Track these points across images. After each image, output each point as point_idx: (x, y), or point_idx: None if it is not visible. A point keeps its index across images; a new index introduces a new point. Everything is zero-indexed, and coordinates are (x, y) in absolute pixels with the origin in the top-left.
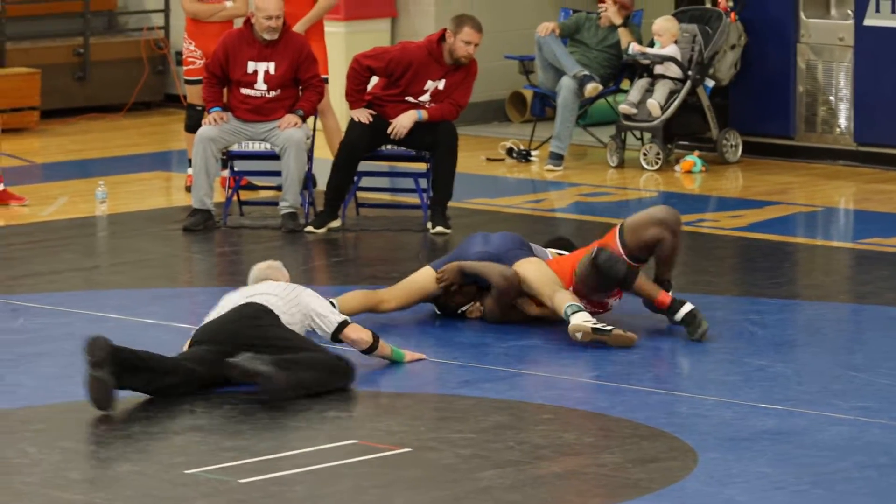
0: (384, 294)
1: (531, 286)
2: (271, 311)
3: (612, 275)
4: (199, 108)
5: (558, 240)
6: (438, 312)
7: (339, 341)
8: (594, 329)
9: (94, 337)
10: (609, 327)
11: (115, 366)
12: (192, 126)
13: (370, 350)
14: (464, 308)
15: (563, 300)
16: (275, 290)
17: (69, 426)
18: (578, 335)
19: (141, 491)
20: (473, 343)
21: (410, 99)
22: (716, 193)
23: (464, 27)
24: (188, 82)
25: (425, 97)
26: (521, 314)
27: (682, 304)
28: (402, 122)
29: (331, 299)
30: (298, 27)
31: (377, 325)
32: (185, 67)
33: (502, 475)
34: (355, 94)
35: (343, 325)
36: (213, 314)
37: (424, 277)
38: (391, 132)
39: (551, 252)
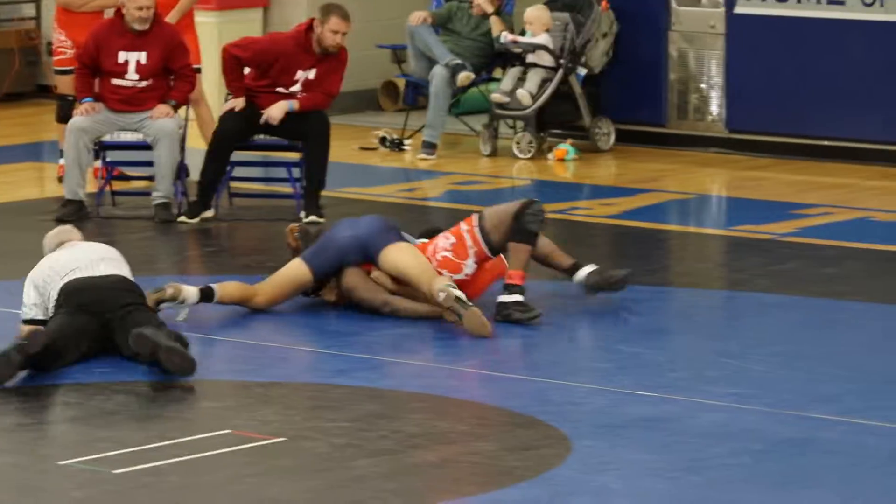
0: (258, 288)
1: (407, 273)
2: (134, 283)
3: (533, 227)
4: (70, 98)
5: (433, 231)
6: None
7: None
8: (457, 298)
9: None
10: (471, 304)
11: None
12: (64, 116)
13: None
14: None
15: (441, 282)
16: (111, 254)
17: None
18: (442, 295)
19: (15, 483)
20: (346, 332)
21: (282, 90)
22: (589, 181)
23: (331, 16)
24: (59, 72)
25: (296, 87)
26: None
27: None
28: (273, 113)
29: (211, 284)
30: (171, 17)
31: (248, 312)
32: (55, 58)
33: (377, 464)
34: (234, 84)
35: None
36: (62, 277)
37: (296, 270)
38: (263, 122)
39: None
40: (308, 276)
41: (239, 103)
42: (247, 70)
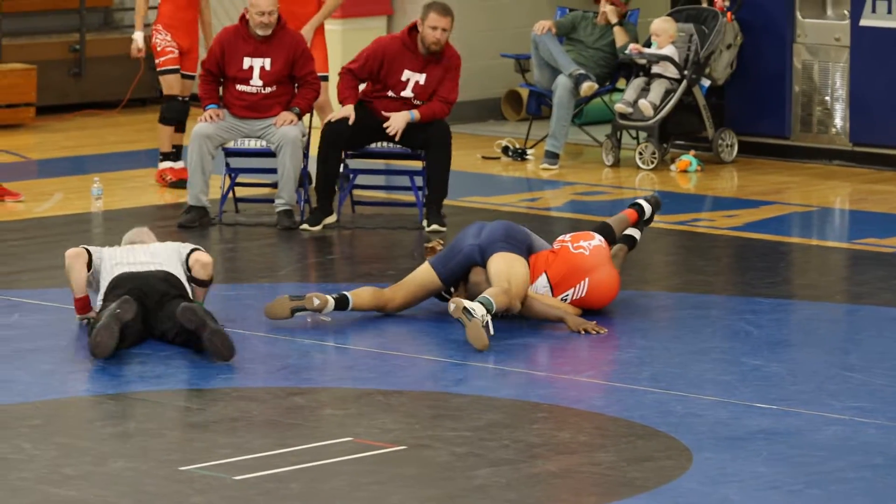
0: (388, 293)
1: (493, 282)
2: (180, 280)
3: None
4: (181, 98)
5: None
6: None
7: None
8: (465, 309)
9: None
10: (481, 315)
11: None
12: (169, 118)
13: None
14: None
15: (487, 292)
16: (161, 252)
17: (65, 422)
18: (452, 306)
19: (136, 487)
20: (465, 341)
21: (392, 94)
22: (711, 193)
23: (430, 13)
24: (162, 72)
25: (407, 91)
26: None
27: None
28: (396, 125)
29: (345, 292)
30: (306, 29)
31: (378, 318)
32: (159, 58)
33: (497, 473)
34: (345, 96)
35: (195, 249)
36: (114, 268)
37: (424, 275)
38: (388, 129)
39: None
40: (436, 282)
41: (346, 111)
42: (363, 86)
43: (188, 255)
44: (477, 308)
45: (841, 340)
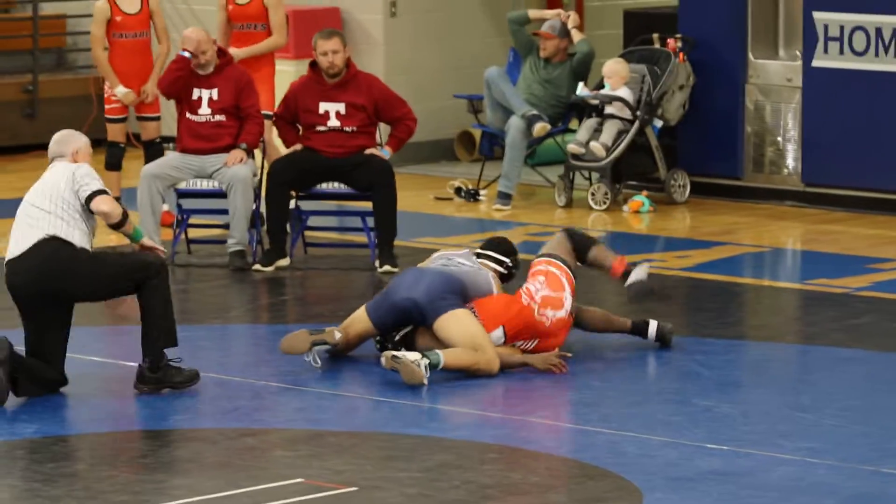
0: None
1: (453, 345)
2: (64, 252)
3: (584, 236)
4: (122, 145)
5: (497, 243)
6: (378, 350)
7: (90, 211)
8: (393, 357)
9: None
10: (412, 360)
11: (11, 365)
12: (113, 164)
13: (118, 225)
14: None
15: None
16: (58, 199)
17: (15, 464)
18: (383, 360)
19: None
20: (405, 382)
21: (321, 128)
22: (664, 234)
23: (317, 41)
24: (109, 121)
25: (333, 121)
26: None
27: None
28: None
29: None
30: (237, 54)
31: (329, 359)
32: (106, 106)
33: None
34: (284, 136)
35: (98, 192)
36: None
37: (359, 320)
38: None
39: (492, 277)
40: (369, 327)
41: (294, 147)
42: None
43: (87, 199)
44: (408, 355)
45: (792, 381)
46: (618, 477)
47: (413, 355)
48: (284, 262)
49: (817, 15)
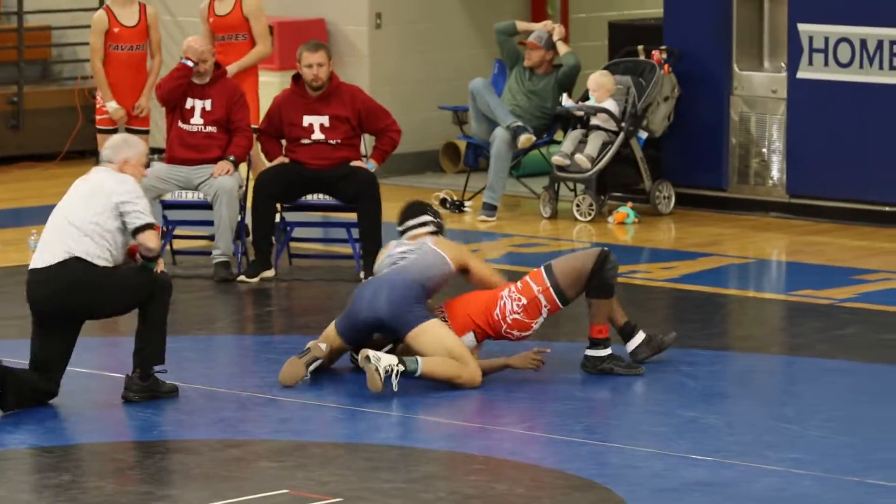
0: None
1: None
2: (88, 275)
3: (614, 281)
4: None
5: (417, 206)
6: (353, 364)
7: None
8: (367, 356)
9: None
10: (384, 367)
11: None
12: None
13: (152, 259)
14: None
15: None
16: (92, 217)
17: (1, 475)
18: (360, 357)
19: None
20: (404, 393)
21: (306, 141)
22: (649, 245)
23: (302, 53)
24: (100, 131)
25: (317, 134)
26: None
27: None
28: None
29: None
30: (231, 69)
31: (313, 372)
32: (98, 116)
33: None
34: (267, 149)
35: (149, 226)
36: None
37: (330, 335)
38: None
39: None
40: (341, 344)
41: (279, 159)
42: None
43: (136, 230)
44: (383, 358)
45: (777, 392)
46: (603, 488)
47: (388, 359)
48: (270, 273)
49: (802, 27)
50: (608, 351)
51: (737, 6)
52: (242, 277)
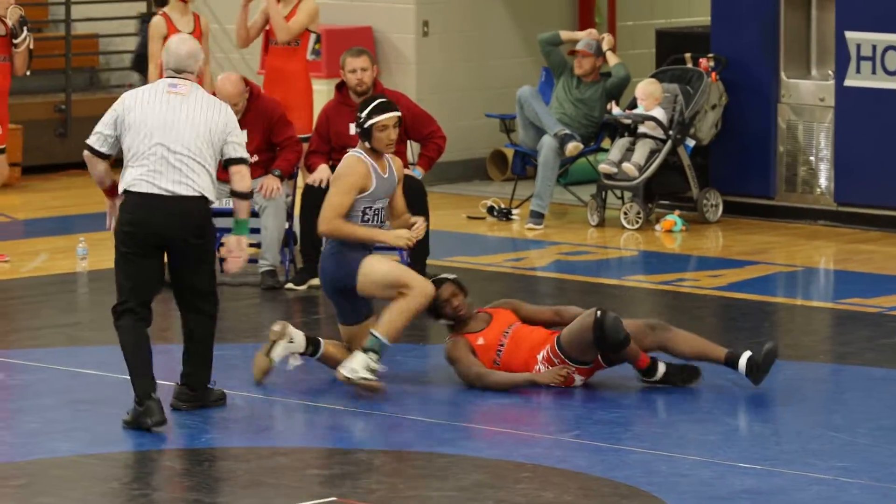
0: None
1: (382, 283)
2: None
3: (615, 336)
4: None
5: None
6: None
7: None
8: (346, 378)
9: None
10: (354, 362)
11: None
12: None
13: (245, 197)
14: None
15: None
16: (206, 149)
17: (50, 482)
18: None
19: None
20: (453, 401)
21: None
22: (696, 253)
23: (345, 59)
24: None
25: None
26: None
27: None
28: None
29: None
30: (292, 24)
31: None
32: None
33: None
34: (310, 162)
35: (245, 160)
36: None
37: (351, 334)
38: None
39: None
40: (347, 331)
41: (322, 171)
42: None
43: (230, 160)
44: (352, 361)
45: (825, 400)
46: (651, 496)
47: (359, 359)
48: (317, 281)
49: (850, 34)
50: (663, 368)
51: (784, 14)
52: (290, 285)
